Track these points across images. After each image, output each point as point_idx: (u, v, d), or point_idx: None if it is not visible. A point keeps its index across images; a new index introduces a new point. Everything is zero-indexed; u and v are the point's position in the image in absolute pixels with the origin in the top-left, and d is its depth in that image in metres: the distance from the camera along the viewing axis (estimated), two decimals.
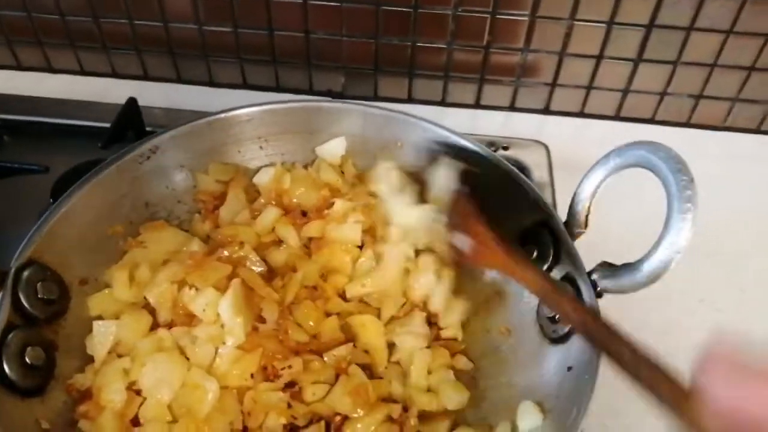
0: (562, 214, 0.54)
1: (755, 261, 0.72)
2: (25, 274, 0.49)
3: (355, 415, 0.51)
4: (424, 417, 0.53)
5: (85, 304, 0.54)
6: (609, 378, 0.45)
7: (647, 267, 0.44)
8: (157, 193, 0.61)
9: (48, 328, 0.50)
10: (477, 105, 0.87)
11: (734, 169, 0.81)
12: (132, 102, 0.76)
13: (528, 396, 0.51)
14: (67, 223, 0.52)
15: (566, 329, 0.49)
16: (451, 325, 0.58)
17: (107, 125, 0.74)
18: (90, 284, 0.55)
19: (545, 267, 0.53)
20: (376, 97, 0.87)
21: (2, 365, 0.44)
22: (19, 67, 0.90)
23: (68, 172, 0.71)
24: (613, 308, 0.49)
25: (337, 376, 0.53)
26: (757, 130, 0.85)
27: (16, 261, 0.48)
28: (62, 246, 0.52)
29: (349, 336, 0.56)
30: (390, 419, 0.52)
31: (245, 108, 0.62)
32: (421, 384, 0.55)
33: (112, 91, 0.85)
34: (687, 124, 0.85)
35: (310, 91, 0.88)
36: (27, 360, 0.46)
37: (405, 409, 0.53)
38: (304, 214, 0.63)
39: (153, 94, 0.82)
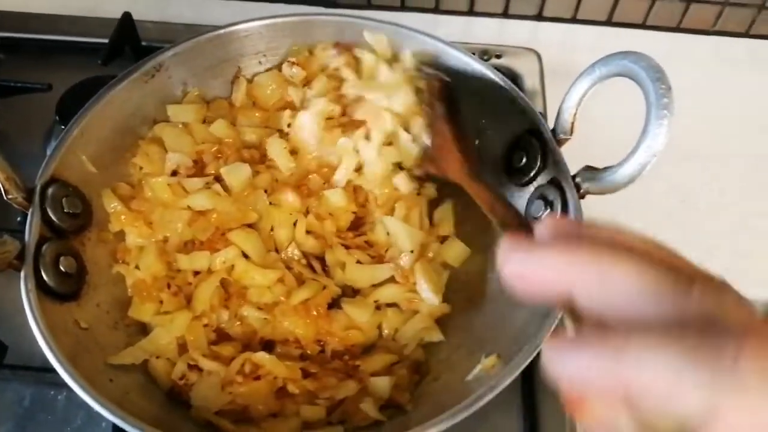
0: (553, 118, 0.57)
1: (739, 163, 0.75)
2: (50, 190, 0.52)
3: None
4: None
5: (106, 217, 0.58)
6: None
7: (626, 169, 0.48)
8: (163, 111, 0.63)
9: (76, 240, 0.54)
10: (471, 12, 0.87)
11: (723, 73, 0.83)
12: (127, 17, 0.76)
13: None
14: (83, 141, 0.55)
15: None
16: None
17: (102, 40, 0.75)
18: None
19: (533, 172, 0.57)
20: (369, 5, 0.87)
21: (40, 273, 0.49)
22: None
23: (71, 90, 0.73)
24: (597, 210, 0.54)
25: None
26: (746, 34, 0.86)
27: (40, 179, 0.52)
28: (80, 163, 0.55)
29: None
30: None
31: (243, 23, 0.62)
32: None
33: (103, 5, 0.85)
34: (677, 29, 0.86)
35: (304, 0, 0.87)
36: (62, 268, 0.50)
37: None
38: None
39: (144, 7, 0.82)
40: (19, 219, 0.63)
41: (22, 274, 0.48)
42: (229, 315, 0.56)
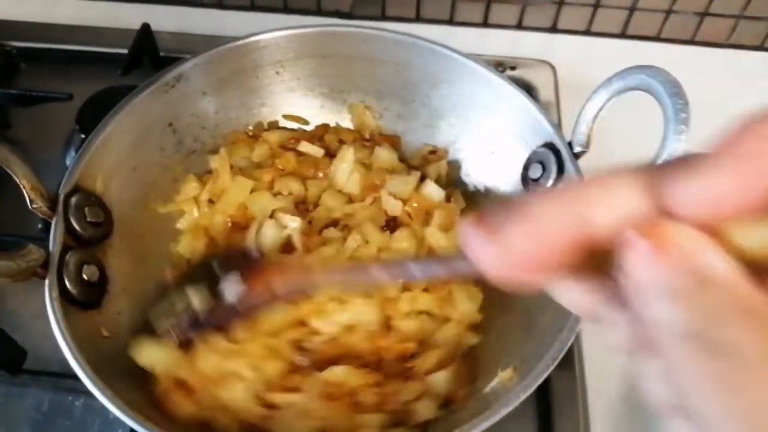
0: (566, 130, 0.57)
1: None
2: (73, 200, 0.53)
3: None
4: None
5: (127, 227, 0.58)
6: None
7: None
8: (183, 121, 0.64)
9: (98, 249, 0.55)
10: (485, 24, 0.87)
11: (737, 86, 0.83)
12: (146, 28, 0.77)
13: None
14: (105, 151, 0.56)
15: None
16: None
17: (120, 51, 0.76)
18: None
19: (550, 184, 0.57)
20: (384, 17, 0.88)
21: (64, 282, 0.49)
22: None
23: (91, 100, 0.74)
24: None
25: None
26: (761, 47, 0.86)
27: (63, 188, 0.53)
28: (102, 173, 0.56)
29: None
30: None
31: (262, 34, 0.63)
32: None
33: (121, 15, 0.86)
34: (692, 42, 0.86)
35: (318, 12, 0.88)
36: (84, 277, 0.51)
37: None
38: None
39: (161, 18, 0.83)
40: (39, 227, 0.64)
41: (47, 282, 0.49)
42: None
